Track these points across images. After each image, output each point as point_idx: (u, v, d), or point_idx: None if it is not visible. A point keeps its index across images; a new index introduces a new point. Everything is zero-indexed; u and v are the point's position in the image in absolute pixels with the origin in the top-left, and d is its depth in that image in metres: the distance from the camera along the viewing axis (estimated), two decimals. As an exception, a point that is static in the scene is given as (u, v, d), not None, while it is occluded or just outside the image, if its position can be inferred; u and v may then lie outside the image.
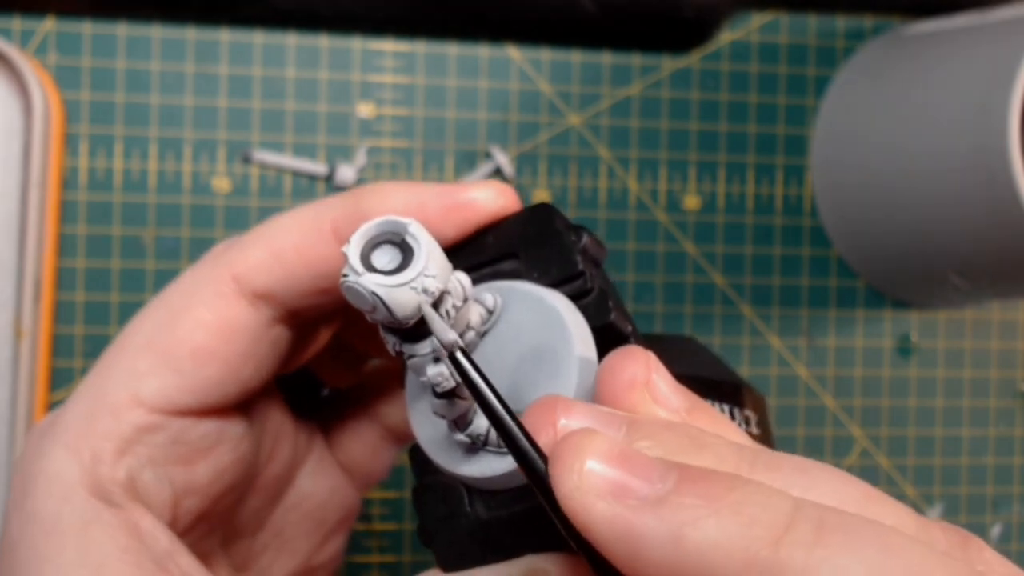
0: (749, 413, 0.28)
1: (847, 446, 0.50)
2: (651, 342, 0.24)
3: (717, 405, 0.27)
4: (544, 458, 0.19)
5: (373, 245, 0.21)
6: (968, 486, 0.51)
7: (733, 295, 0.49)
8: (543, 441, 0.20)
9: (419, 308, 0.20)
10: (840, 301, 0.50)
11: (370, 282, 0.20)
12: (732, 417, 0.27)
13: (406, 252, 0.21)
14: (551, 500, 0.19)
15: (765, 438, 0.29)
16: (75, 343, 0.44)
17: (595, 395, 0.22)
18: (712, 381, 0.28)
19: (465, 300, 0.23)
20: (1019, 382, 0.52)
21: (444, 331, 0.20)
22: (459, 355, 0.20)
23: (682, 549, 0.17)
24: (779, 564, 0.16)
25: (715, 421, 0.22)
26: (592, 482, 0.18)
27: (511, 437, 0.19)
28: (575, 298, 0.24)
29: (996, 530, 0.52)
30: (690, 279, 0.49)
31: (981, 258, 0.43)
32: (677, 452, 0.19)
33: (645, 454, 0.19)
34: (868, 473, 0.49)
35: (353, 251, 0.21)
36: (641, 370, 0.21)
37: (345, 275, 0.21)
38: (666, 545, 0.17)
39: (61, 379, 0.44)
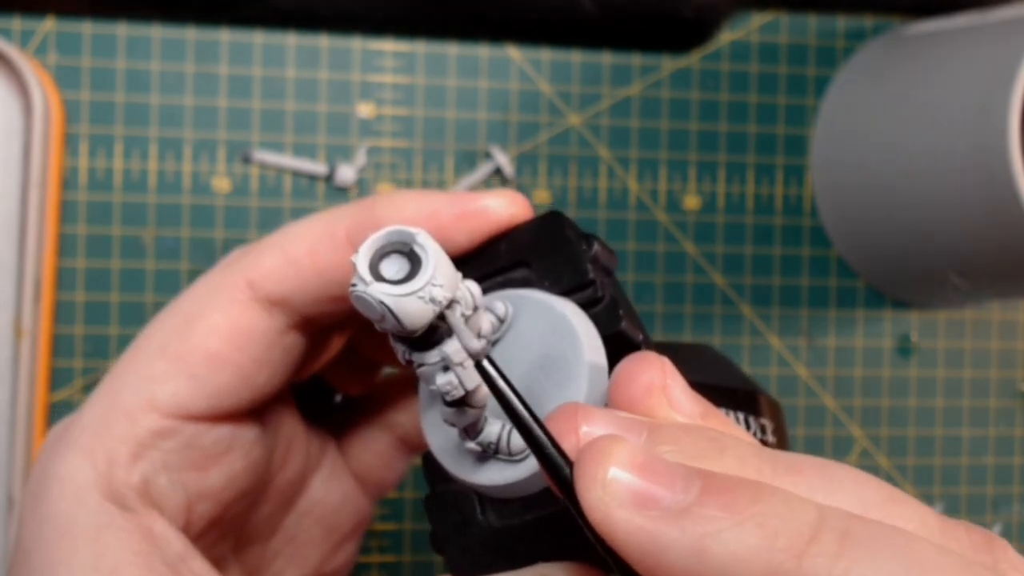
0: (765, 421, 0.28)
1: (847, 446, 0.50)
2: (666, 350, 0.24)
3: (732, 413, 0.27)
4: (570, 464, 0.19)
5: (382, 255, 0.21)
6: (968, 486, 0.51)
7: (733, 295, 0.49)
8: (566, 448, 0.20)
9: (427, 317, 0.21)
10: (840, 301, 0.50)
11: (378, 291, 0.20)
12: (748, 425, 0.27)
13: (414, 262, 0.21)
14: (577, 506, 0.19)
15: (781, 446, 0.29)
16: (75, 343, 0.44)
17: (610, 400, 0.22)
18: (727, 389, 0.27)
19: (475, 309, 0.23)
20: (1019, 382, 0.52)
21: (470, 338, 0.21)
22: (485, 363, 0.20)
23: (704, 561, 0.17)
24: (803, 575, 0.16)
25: (727, 428, 0.22)
26: (616, 491, 0.18)
27: (537, 443, 0.20)
28: (586, 307, 0.24)
29: (996, 530, 0.52)
30: (690, 279, 0.49)
31: (981, 258, 0.43)
32: (698, 456, 0.19)
33: (668, 461, 0.18)
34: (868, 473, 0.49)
35: (362, 261, 0.21)
36: (657, 375, 0.21)
37: (354, 284, 0.21)
38: (689, 557, 0.17)
39: (61, 379, 0.44)
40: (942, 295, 0.48)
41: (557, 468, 0.19)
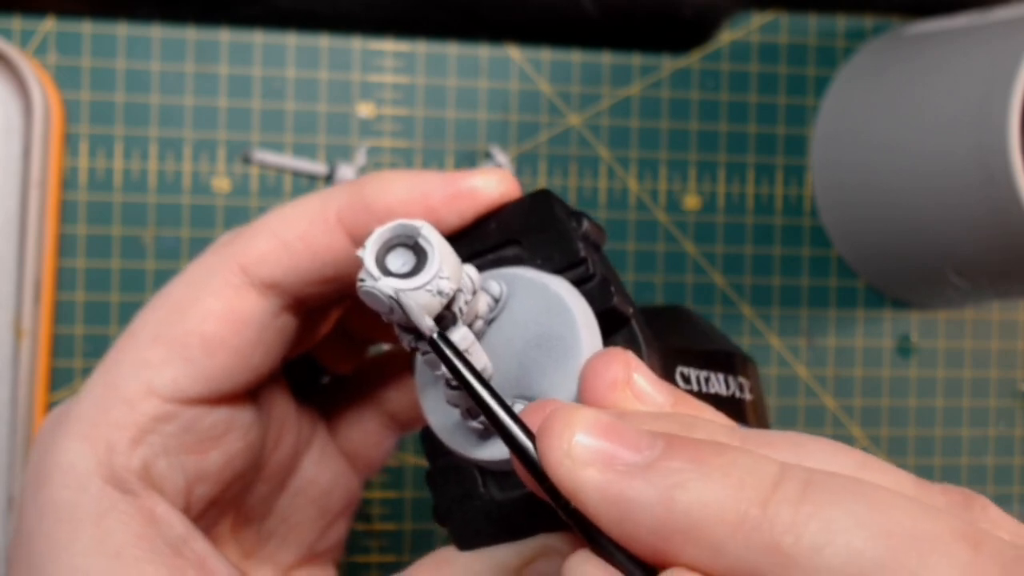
0: (743, 380, 0.29)
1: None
2: (645, 315, 0.25)
3: (711, 374, 0.27)
4: (531, 435, 0.20)
5: (387, 248, 0.21)
6: (968, 486, 0.51)
7: (733, 295, 0.49)
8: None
9: (435, 310, 0.21)
10: (840, 301, 0.50)
11: (387, 286, 0.21)
12: (727, 385, 0.28)
13: (419, 254, 0.21)
14: (538, 472, 0.19)
15: (758, 403, 0.29)
16: (75, 343, 0.44)
17: (580, 400, 0.22)
18: (706, 352, 0.28)
19: (474, 292, 0.23)
20: (1019, 382, 0.52)
21: (422, 318, 0.21)
22: (438, 339, 0.21)
23: (672, 511, 0.17)
24: (768, 521, 0.17)
25: (700, 413, 0.22)
26: (580, 453, 0.18)
27: (493, 414, 0.20)
28: (578, 284, 0.25)
29: (996, 530, 0.52)
30: (690, 279, 0.49)
31: (981, 258, 0.43)
32: None
33: (632, 426, 0.19)
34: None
35: (369, 256, 0.21)
36: (621, 370, 0.22)
37: (362, 279, 0.21)
38: (656, 507, 0.18)
39: (61, 379, 0.44)
40: (942, 295, 0.48)
41: (514, 436, 0.20)
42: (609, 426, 0.19)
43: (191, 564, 0.26)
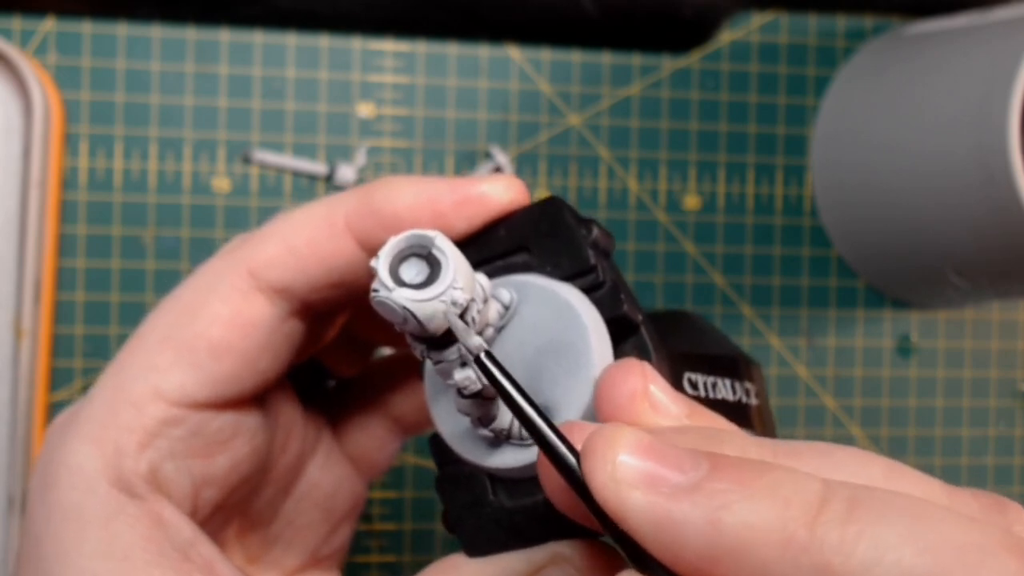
0: (748, 385, 0.29)
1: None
2: (652, 320, 0.25)
3: (718, 380, 0.27)
4: (575, 454, 0.20)
5: (401, 258, 0.21)
6: (968, 486, 0.51)
7: (733, 295, 0.49)
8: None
9: (447, 318, 0.21)
10: (840, 301, 0.50)
11: (401, 298, 0.21)
12: (734, 391, 0.28)
13: (433, 265, 0.21)
14: (585, 492, 0.19)
15: (763, 407, 0.29)
16: (75, 343, 0.44)
17: (596, 409, 0.22)
18: (710, 356, 0.28)
19: (485, 301, 0.23)
20: (1019, 382, 0.52)
21: (469, 336, 0.21)
22: (484, 359, 0.21)
23: (720, 532, 0.17)
24: (816, 542, 0.17)
25: (716, 424, 0.22)
26: (625, 474, 0.18)
27: (541, 435, 0.20)
28: (588, 291, 0.25)
29: (996, 530, 0.52)
30: (690, 279, 0.49)
31: (981, 258, 0.43)
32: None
33: (675, 446, 0.19)
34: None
35: (382, 266, 0.21)
36: (639, 381, 0.22)
37: (375, 290, 0.21)
38: (703, 529, 0.17)
39: (61, 379, 0.44)
40: (942, 295, 0.48)
41: (562, 457, 0.20)
42: (652, 446, 0.19)
43: (198, 568, 0.26)
